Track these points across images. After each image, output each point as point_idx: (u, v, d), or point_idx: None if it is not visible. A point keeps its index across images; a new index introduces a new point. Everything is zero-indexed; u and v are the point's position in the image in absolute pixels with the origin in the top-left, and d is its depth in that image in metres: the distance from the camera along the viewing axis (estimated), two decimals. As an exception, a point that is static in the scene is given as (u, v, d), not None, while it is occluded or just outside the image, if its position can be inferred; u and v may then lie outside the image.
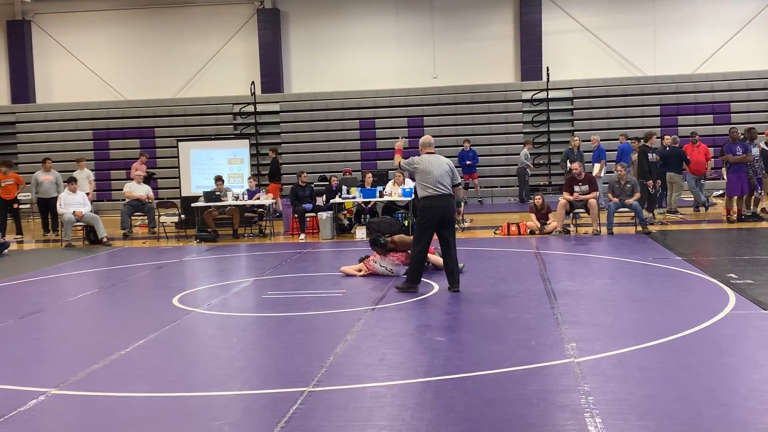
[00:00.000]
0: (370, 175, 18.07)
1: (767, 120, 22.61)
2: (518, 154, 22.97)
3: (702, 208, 18.25)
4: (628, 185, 14.97)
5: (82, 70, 26.64)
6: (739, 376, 5.78)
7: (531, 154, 23.41)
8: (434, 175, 9.47)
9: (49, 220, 18.35)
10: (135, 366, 6.64)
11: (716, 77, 24.05)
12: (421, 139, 9.99)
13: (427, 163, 9.57)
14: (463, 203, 17.68)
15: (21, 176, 18.89)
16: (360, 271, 10.95)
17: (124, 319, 8.84)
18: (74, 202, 16.26)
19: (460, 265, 11.09)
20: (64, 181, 17.26)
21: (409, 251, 10.60)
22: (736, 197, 15.92)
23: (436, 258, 10.79)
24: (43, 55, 26.97)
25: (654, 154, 16.41)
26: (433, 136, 10.23)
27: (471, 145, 22.98)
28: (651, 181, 15.94)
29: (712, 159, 18.82)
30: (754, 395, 5.33)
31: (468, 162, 22.67)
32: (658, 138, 17.37)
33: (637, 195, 14.93)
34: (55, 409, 5.57)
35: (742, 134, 16.31)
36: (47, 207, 18.16)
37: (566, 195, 15.14)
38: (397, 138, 11.66)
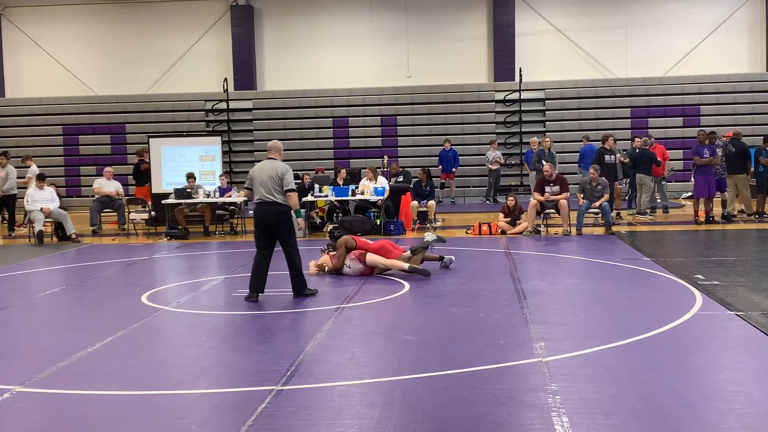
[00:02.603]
0: (343, 171, 18.06)
1: (736, 123, 22.92)
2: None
3: (660, 211, 18.49)
4: (599, 187, 15.10)
5: (52, 64, 26.37)
6: (704, 376, 5.85)
7: (503, 154, 23.52)
8: (256, 182, 9.12)
9: (6, 216, 18.02)
10: (102, 364, 6.58)
11: (686, 80, 24.33)
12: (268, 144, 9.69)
13: (258, 169, 9.21)
14: (437, 202, 17.68)
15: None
16: (321, 266, 10.86)
17: (92, 316, 8.76)
18: (42, 199, 16.07)
19: (448, 258, 11.07)
20: (36, 177, 16.99)
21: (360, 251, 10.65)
22: (703, 199, 16.10)
23: (397, 263, 10.65)
24: (12, 50, 26.65)
25: (611, 156, 16.66)
26: (407, 135, 10.19)
27: (452, 145, 22.98)
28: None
29: (671, 160, 19.02)
30: (719, 395, 5.40)
31: (453, 169, 22.70)
32: (614, 140, 17.41)
33: (606, 196, 15.09)
34: (20, 407, 5.50)
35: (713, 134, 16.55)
36: (1, 203, 17.86)
37: (537, 196, 15.24)
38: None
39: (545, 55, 25.09)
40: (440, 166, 22.63)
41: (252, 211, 9.37)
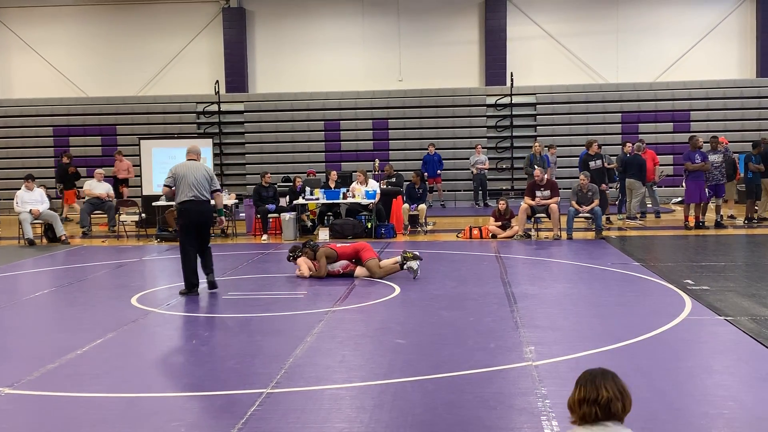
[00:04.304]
0: (334, 173, 18.03)
1: (725, 129, 23.01)
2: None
3: (650, 215, 18.56)
4: (590, 193, 15.16)
5: (43, 65, 26.25)
6: (693, 381, 5.87)
7: (492, 158, 23.52)
8: (190, 180, 9.53)
9: None
10: (91, 366, 6.56)
11: (676, 86, 24.41)
12: (188, 146, 10.19)
13: (185, 168, 9.63)
14: (427, 206, 17.70)
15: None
16: (309, 270, 10.83)
17: (82, 318, 8.73)
18: (31, 200, 16.00)
19: (416, 259, 10.90)
20: (22, 178, 16.93)
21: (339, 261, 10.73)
22: (694, 204, 16.16)
23: (360, 270, 10.71)
24: (3, 50, 26.51)
25: (596, 162, 16.72)
26: (398, 139, 10.20)
27: (436, 149, 22.98)
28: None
29: (661, 165, 19.09)
30: (708, 400, 5.42)
31: (438, 172, 22.67)
32: (599, 145, 17.42)
33: (596, 202, 15.15)
34: (8, 409, 5.48)
35: (706, 143, 16.62)
36: None
37: (528, 200, 15.28)
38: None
39: (536, 60, 25.14)
40: (426, 173, 22.35)
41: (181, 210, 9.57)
